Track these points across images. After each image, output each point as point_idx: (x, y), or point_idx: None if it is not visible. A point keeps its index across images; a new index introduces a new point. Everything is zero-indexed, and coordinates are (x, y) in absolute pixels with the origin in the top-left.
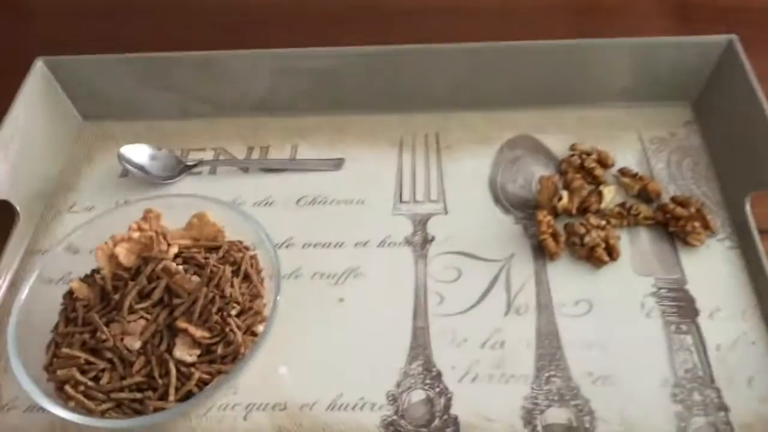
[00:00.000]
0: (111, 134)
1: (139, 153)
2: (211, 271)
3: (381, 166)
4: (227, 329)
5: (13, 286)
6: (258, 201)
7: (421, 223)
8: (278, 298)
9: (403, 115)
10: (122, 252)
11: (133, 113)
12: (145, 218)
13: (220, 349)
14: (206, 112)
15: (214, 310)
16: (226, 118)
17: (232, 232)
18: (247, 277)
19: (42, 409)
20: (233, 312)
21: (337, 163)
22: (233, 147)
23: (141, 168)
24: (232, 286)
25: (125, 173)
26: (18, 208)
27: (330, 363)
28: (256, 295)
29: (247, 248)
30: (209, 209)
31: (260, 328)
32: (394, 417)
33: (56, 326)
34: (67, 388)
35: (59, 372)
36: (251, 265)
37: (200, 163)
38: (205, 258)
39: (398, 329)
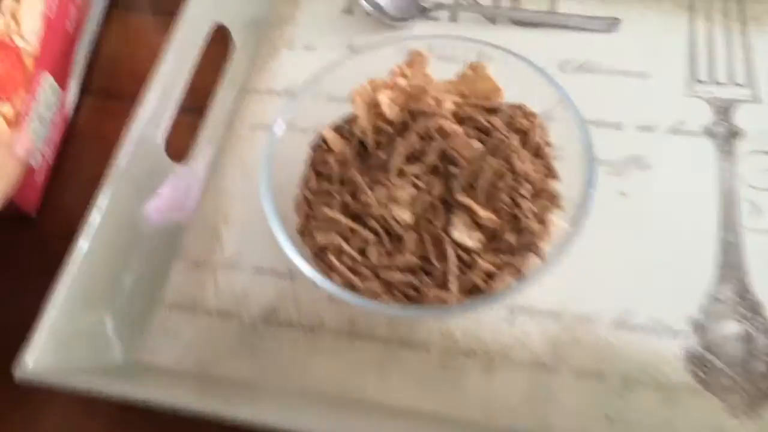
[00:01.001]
0: None
1: None
2: (499, 139)
3: (667, 33)
4: (519, 213)
5: (230, 127)
6: None
7: (723, 110)
8: (590, 190)
9: None
10: (385, 101)
11: None
12: (410, 62)
13: (511, 238)
14: None
15: (503, 187)
16: None
17: (515, 93)
18: (538, 152)
19: (270, 273)
20: (524, 193)
21: (611, 24)
22: None
23: (375, 4)
24: (522, 160)
25: (349, 9)
26: (234, 38)
27: (613, 270)
28: (549, 176)
29: (533, 115)
30: (491, 59)
31: (552, 217)
32: (700, 349)
33: (306, 181)
34: (330, 256)
35: (319, 236)
36: (542, 137)
37: (439, 6)
38: (488, 121)
39: (700, 240)
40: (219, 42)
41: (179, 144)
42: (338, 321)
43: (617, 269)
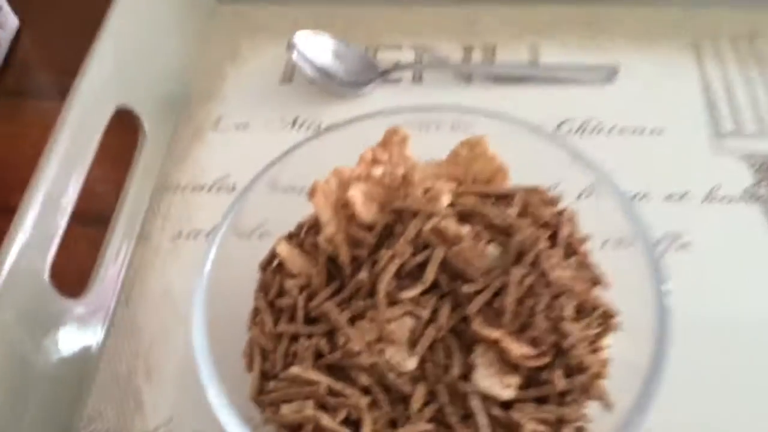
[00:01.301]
0: (260, 22)
1: (317, 46)
2: (522, 240)
3: (674, 79)
4: (566, 343)
5: (143, 239)
6: None
7: (764, 167)
8: (664, 289)
9: (687, 9)
10: (359, 198)
11: None
12: (384, 143)
13: (558, 379)
14: None
15: (540, 307)
16: (427, 4)
17: (521, 173)
18: (570, 249)
19: None
20: (568, 312)
21: (609, 72)
22: (442, 45)
23: (320, 70)
24: (555, 266)
25: (288, 77)
26: (143, 121)
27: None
28: (594, 282)
29: (554, 200)
30: (488, 130)
31: (606, 341)
32: None
33: (255, 318)
34: None
35: (286, 408)
36: (570, 231)
37: (399, 66)
38: (502, 216)
39: None
40: (125, 130)
41: (75, 270)
42: None
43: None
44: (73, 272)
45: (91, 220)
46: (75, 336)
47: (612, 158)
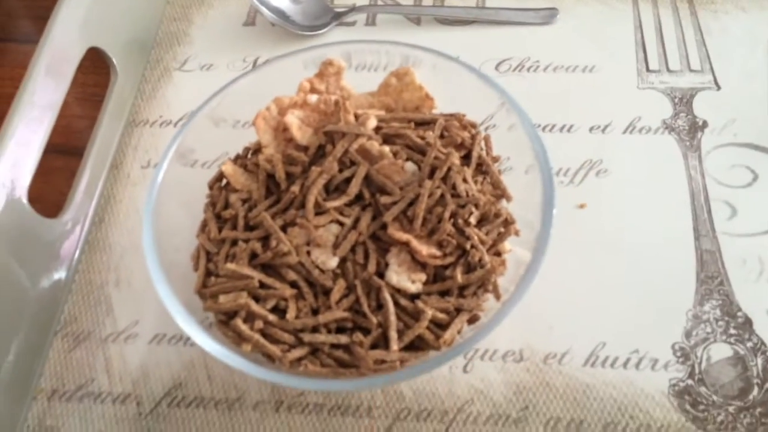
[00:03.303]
0: None
1: None
2: (435, 157)
3: (611, 21)
4: (468, 245)
5: (115, 168)
6: None
7: (683, 101)
8: (554, 210)
9: None
10: (295, 123)
11: None
12: (320, 75)
13: (458, 275)
14: None
15: (447, 215)
16: None
17: (448, 101)
18: (481, 168)
19: (176, 340)
20: (472, 219)
21: (548, 15)
22: None
23: (278, 12)
24: (465, 180)
25: (251, 21)
26: (114, 61)
27: (580, 298)
28: (499, 195)
29: (473, 125)
30: (411, 62)
31: (506, 245)
32: (689, 381)
33: (204, 227)
34: (238, 322)
35: (223, 299)
36: (486, 151)
37: (354, 9)
38: (421, 137)
39: (675, 253)
40: (97, 70)
41: (55, 195)
42: (261, 391)
43: (584, 297)
44: (52, 197)
45: (68, 152)
46: (53, 251)
47: (544, 94)
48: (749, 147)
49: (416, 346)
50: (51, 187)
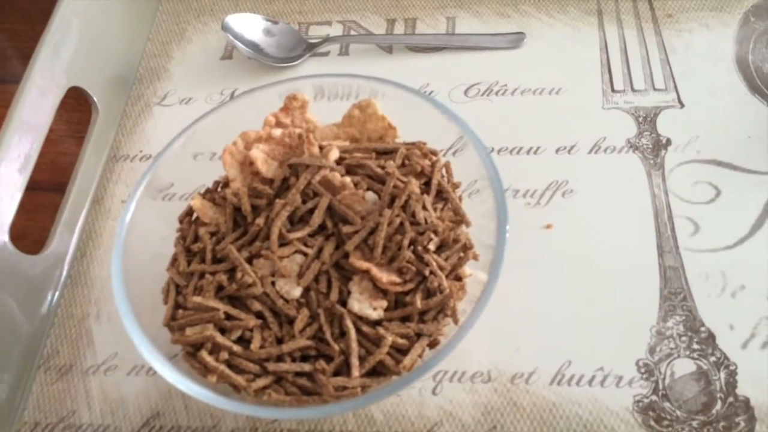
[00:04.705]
0: (205, 5)
1: (249, 26)
2: (395, 186)
3: (576, 43)
4: (427, 271)
5: (97, 203)
6: None
7: (647, 120)
8: (507, 229)
9: None
10: (259, 157)
11: None
12: (285, 109)
13: (418, 301)
14: None
15: (406, 242)
16: None
17: (411, 130)
18: (441, 195)
19: (153, 371)
20: (431, 246)
21: (516, 39)
22: (367, 20)
23: (253, 46)
24: (425, 207)
25: (228, 54)
26: (95, 99)
27: (546, 317)
28: (457, 221)
29: (434, 153)
30: (379, 95)
31: (467, 270)
32: (653, 397)
33: (174, 262)
34: (203, 354)
35: (189, 331)
36: (446, 178)
37: (327, 40)
38: (381, 166)
39: (639, 270)
40: (80, 107)
41: (37, 232)
42: (236, 419)
43: (551, 316)
44: (36, 234)
45: (53, 189)
46: (35, 286)
47: (512, 117)
48: (712, 163)
49: (378, 371)
50: (36, 224)
